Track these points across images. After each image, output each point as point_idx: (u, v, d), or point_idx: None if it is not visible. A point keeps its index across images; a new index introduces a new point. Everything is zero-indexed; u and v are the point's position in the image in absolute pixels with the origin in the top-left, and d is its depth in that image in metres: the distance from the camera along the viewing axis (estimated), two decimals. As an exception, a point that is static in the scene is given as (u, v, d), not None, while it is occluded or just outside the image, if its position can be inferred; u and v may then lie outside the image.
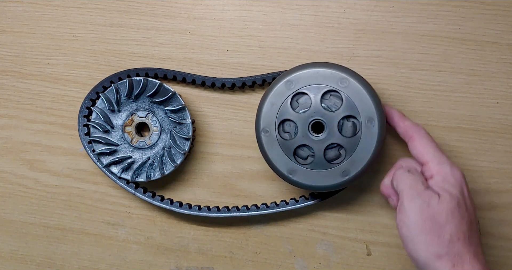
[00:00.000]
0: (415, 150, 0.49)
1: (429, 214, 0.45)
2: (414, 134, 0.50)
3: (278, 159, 0.51)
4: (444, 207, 0.45)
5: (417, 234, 0.45)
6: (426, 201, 0.45)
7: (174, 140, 0.57)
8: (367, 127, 0.49)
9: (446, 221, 0.45)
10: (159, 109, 0.57)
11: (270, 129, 0.51)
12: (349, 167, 0.50)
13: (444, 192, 0.46)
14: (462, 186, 0.47)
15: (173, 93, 0.56)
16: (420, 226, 0.45)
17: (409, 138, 0.50)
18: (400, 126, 0.51)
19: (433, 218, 0.45)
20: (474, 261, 0.44)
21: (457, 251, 0.44)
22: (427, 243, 0.44)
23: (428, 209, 0.45)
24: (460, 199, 0.46)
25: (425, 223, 0.44)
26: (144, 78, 0.57)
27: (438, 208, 0.45)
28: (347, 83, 0.49)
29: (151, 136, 0.58)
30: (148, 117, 0.58)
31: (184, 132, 0.57)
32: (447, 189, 0.46)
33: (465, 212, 0.46)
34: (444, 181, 0.47)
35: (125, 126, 0.58)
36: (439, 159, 0.48)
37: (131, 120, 0.58)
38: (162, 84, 0.56)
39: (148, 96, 0.57)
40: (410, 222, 0.45)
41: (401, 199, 0.46)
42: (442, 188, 0.46)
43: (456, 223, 0.45)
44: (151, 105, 0.57)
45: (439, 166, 0.47)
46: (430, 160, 0.48)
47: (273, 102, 0.51)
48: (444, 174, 0.47)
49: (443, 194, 0.46)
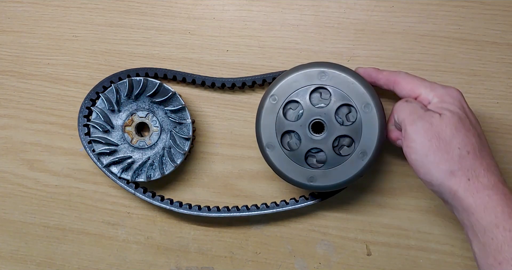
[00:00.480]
0: (404, 90, 0.49)
1: (433, 132, 0.44)
2: (396, 78, 0.49)
3: (292, 171, 0.51)
4: (447, 123, 0.44)
5: (425, 155, 0.44)
6: (428, 121, 0.45)
7: (174, 140, 0.57)
8: (362, 105, 0.49)
9: (451, 136, 0.44)
10: (159, 109, 0.57)
11: (274, 145, 0.51)
12: (363, 149, 0.50)
13: (444, 110, 0.45)
14: (461, 102, 0.47)
15: (173, 93, 0.56)
16: (427, 146, 0.44)
17: (393, 83, 0.50)
18: (380, 78, 0.50)
19: (438, 136, 0.44)
20: (489, 174, 0.43)
21: (470, 165, 0.43)
22: (437, 162, 0.44)
23: (432, 128, 0.44)
24: (461, 114, 0.45)
25: (431, 143, 0.44)
26: (144, 78, 0.57)
27: (441, 125, 0.44)
28: (326, 76, 0.50)
29: (151, 136, 0.58)
30: (148, 117, 0.58)
31: (184, 132, 0.57)
32: (446, 108, 0.46)
33: (469, 125, 0.45)
34: (442, 102, 0.46)
35: (125, 126, 0.58)
36: (430, 86, 0.48)
37: (131, 120, 0.58)
38: (162, 84, 0.56)
39: (148, 96, 0.57)
40: (417, 145, 0.45)
41: (404, 127, 0.46)
42: (441, 108, 0.46)
43: (462, 136, 0.44)
44: (151, 105, 0.57)
45: (433, 92, 0.47)
46: (421, 90, 0.48)
47: (268, 119, 0.51)
48: (440, 95, 0.47)
49: (443, 112, 0.45)
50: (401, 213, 0.58)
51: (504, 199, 0.42)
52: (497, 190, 0.43)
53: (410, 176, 0.58)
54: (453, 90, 0.47)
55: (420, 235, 0.58)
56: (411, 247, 0.58)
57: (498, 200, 0.42)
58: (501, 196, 0.42)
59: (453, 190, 0.43)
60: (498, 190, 0.43)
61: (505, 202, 0.42)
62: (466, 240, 0.57)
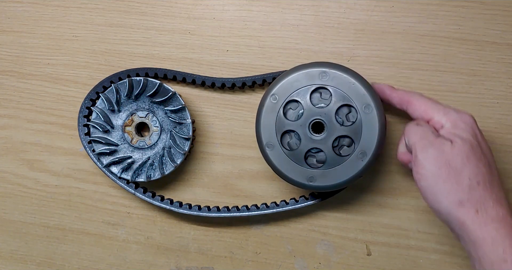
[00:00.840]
0: (417, 111, 0.48)
1: (444, 161, 0.43)
2: (410, 98, 0.49)
3: (292, 170, 0.51)
4: (458, 151, 0.43)
5: (435, 183, 0.43)
6: (439, 148, 0.44)
7: (174, 140, 0.57)
8: (362, 106, 0.49)
9: (462, 165, 0.43)
10: (159, 109, 0.57)
11: (273, 144, 0.51)
12: (363, 150, 0.50)
13: (455, 138, 0.44)
14: (473, 129, 0.46)
15: (173, 93, 0.56)
16: (437, 175, 0.43)
17: (406, 103, 0.49)
18: (394, 97, 0.50)
19: (448, 164, 0.43)
20: (498, 206, 0.43)
21: (479, 196, 0.43)
22: (446, 191, 0.43)
23: (442, 156, 0.44)
24: (473, 142, 0.44)
25: (442, 171, 0.43)
26: (144, 78, 0.57)
27: (452, 153, 0.43)
28: (327, 76, 0.49)
29: (151, 136, 0.58)
30: (148, 117, 0.58)
31: (184, 132, 0.57)
32: (458, 134, 0.45)
33: (480, 154, 0.44)
34: (455, 127, 0.45)
35: (125, 126, 0.58)
36: (443, 110, 0.47)
37: (131, 120, 0.58)
38: (162, 84, 0.56)
39: (148, 96, 0.57)
40: (427, 173, 0.44)
41: (414, 152, 0.45)
42: (453, 134, 0.45)
43: (473, 166, 0.43)
44: (151, 105, 0.57)
45: (446, 116, 0.46)
46: (434, 113, 0.47)
47: (268, 118, 0.51)
48: (453, 120, 0.46)
49: (455, 139, 0.44)
50: (401, 213, 0.58)
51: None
52: (505, 223, 0.42)
53: (410, 176, 0.58)
54: (467, 115, 0.47)
55: (420, 235, 0.58)
56: (411, 247, 0.58)
57: (506, 234, 0.41)
58: (509, 229, 0.42)
59: (461, 221, 0.43)
60: (507, 224, 0.42)
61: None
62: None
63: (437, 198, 0.44)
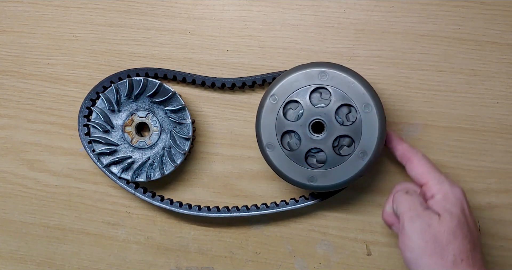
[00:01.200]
0: (413, 171, 0.49)
1: (431, 235, 0.44)
2: (411, 156, 0.50)
3: (292, 171, 0.51)
4: (445, 227, 0.44)
5: (420, 256, 0.44)
6: (427, 221, 0.45)
7: (174, 140, 0.57)
8: (362, 105, 0.49)
9: (448, 241, 0.44)
10: (159, 109, 0.57)
11: (274, 145, 0.51)
12: (364, 149, 0.50)
13: (444, 212, 0.45)
14: (463, 204, 0.47)
15: (173, 93, 0.56)
16: (423, 248, 0.44)
17: (407, 160, 0.50)
18: (398, 149, 0.51)
19: (435, 239, 0.44)
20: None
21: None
22: (430, 266, 0.44)
23: (429, 229, 0.44)
24: (461, 218, 0.45)
25: (427, 245, 0.44)
26: (144, 78, 0.57)
27: (439, 228, 0.44)
28: (326, 76, 0.50)
29: (151, 136, 0.58)
30: (148, 117, 0.58)
31: (184, 132, 0.57)
32: (447, 209, 0.46)
33: (467, 231, 0.45)
34: (445, 200, 0.46)
35: (125, 126, 0.58)
36: (438, 178, 0.48)
37: (131, 120, 0.58)
38: (162, 84, 0.56)
39: (148, 96, 0.57)
40: (413, 245, 0.45)
41: (402, 221, 0.46)
42: (442, 208, 0.46)
43: (458, 243, 0.44)
44: (151, 105, 0.57)
45: (439, 185, 0.47)
46: (429, 180, 0.48)
47: (268, 119, 0.51)
48: (444, 193, 0.47)
49: (443, 213, 0.45)
50: (401, 213, 0.58)
51: None
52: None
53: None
54: (459, 190, 0.47)
55: (420, 235, 0.58)
56: (411, 247, 0.58)
57: None
58: None
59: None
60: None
61: None
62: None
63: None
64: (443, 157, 0.57)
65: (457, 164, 0.57)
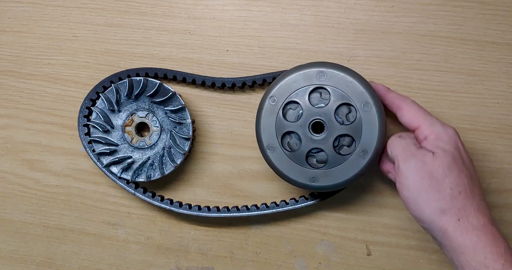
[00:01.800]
0: (404, 117, 0.49)
1: (426, 171, 0.45)
2: (400, 103, 0.50)
3: (293, 171, 0.51)
4: (440, 162, 0.45)
5: (417, 193, 0.45)
6: (421, 159, 0.45)
7: (174, 140, 0.57)
8: (361, 104, 0.49)
9: (444, 175, 0.45)
10: (159, 109, 0.57)
11: (274, 146, 0.51)
12: (364, 148, 0.50)
13: (437, 149, 0.46)
14: (456, 142, 0.47)
15: (173, 93, 0.56)
16: (419, 184, 0.45)
17: (396, 107, 0.50)
18: (387, 98, 0.51)
19: (430, 174, 0.45)
20: (479, 214, 0.44)
21: (461, 204, 0.44)
22: (428, 200, 0.44)
23: (424, 166, 0.45)
24: (455, 154, 0.46)
25: (424, 181, 0.45)
26: (144, 78, 0.57)
27: (433, 164, 0.45)
28: (325, 76, 0.50)
29: (151, 136, 0.58)
30: (148, 117, 0.58)
31: (184, 132, 0.57)
32: (440, 146, 0.46)
33: (462, 166, 0.46)
34: (438, 139, 0.47)
35: (125, 126, 0.58)
36: (430, 120, 0.48)
37: (131, 120, 0.58)
38: (162, 84, 0.56)
39: (148, 96, 0.57)
40: (409, 183, 0.45)
41: (397, 163, 0.47)
42: (435, 146, 0.46)
43: (454, 176, 0.45)
44: (151, 105, 0.57)
45: (431, 127, 0.48)
46: (421, 123, 0.48)
47: (267, 120, 0.51)
48: (436, 133, 0.47)
49: (437, 151, 0.46)
50: (401, 213, 0.58)
51: (493, 239, 0.43)
52: (486, 230, 0.43)
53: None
54: (451, 129, 0.48)
55: (420, 235, 0.58)
56: (411, 247, 0.58)
57: (487, 241, 0.43)
58: (490, 236, 0.43)
59: (443, 229, 0.44)
60: (487, 230, 0.43)
61: (494, 243, 0.43)
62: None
63: (419, 207, 0.45)
64: (443, 157, 0.57)
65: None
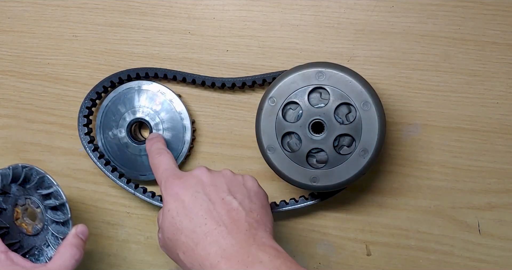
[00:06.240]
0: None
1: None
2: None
3: (294, 172, 0.51)
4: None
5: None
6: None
7: (53, 234, 0.55)
8: (361, 103, 0.49)
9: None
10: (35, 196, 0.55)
11: (275, 147, 0.51)
12: (364, 147, 0.50)
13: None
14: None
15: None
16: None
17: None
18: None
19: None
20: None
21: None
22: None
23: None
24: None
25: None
26: (28, 168, 0.53)
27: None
28: (323, 75, 0.50)
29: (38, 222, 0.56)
30: (28, 202, 0.55)
31: (59, 215, 0.54)
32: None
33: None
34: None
35: (16, 219, 0.56)
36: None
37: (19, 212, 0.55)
38: (45, 176, 0.53)
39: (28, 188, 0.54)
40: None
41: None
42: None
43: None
44: (31, 191, 0.55)
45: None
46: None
47: (267, 121, 0.51)
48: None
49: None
50: (401, 213, 0.58)
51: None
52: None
53: (410, 176, 0.58)
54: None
55: (420, 235, 0.58)
56: (411, 247, 0.58)
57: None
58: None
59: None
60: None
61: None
62: (466, 240, 0.57)
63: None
64: (443, 157, 0.57)
65: (457, 164, 0.57)
